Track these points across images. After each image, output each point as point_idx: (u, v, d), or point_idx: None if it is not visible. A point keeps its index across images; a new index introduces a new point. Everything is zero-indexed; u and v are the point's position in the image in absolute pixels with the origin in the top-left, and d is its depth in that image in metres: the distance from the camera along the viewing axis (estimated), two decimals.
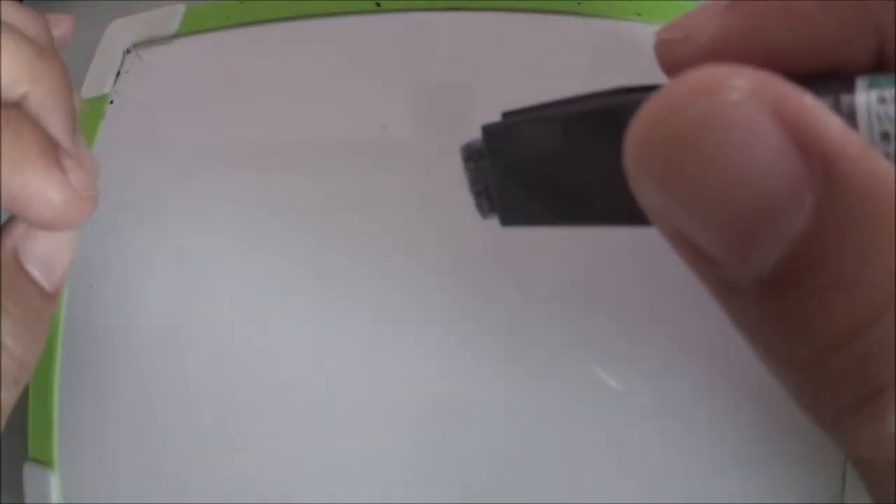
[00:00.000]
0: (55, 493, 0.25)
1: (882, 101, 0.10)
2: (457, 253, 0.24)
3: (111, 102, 0.29)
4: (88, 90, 0.29)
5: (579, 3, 0.25)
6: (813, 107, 0.09)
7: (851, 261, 0.09)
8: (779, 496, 0.21)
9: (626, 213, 0.12)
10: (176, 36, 0.29)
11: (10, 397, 0.19)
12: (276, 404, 0.24)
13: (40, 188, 0.17)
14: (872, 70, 0.12)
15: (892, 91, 0.10)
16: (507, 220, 0.16)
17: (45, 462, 0.26)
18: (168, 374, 0.25)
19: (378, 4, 0.27)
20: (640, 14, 0.25)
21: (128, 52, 0.30)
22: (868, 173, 0.09)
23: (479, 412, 0.22)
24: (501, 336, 0.23)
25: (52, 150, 0.18)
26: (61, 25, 0.22)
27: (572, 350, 0.22)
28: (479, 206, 0.16)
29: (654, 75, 0.14)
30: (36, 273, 0.19)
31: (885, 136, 0.10)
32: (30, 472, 0.26)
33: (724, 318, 0.11)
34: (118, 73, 0.30)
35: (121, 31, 0.30)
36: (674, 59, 0.13)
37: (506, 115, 0.15)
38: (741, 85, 0.09)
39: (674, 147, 0.09)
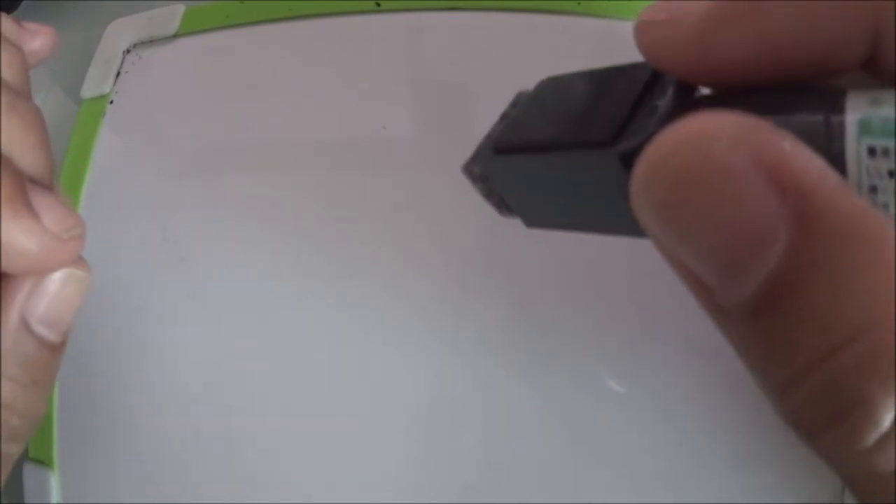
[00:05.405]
0: (55, 493, 0.25)
1: (872, 153, 0.10)
2: (457, 253, 0.24)
3: (111, 102, 0.29)
4: (88, 90, 0.30)
5: (579, 3, 0.25)
6: (791, 151, 0.10)
7: (823, 291, 0.10)
8: (779, 496, 0.21)
9: (630, 228, 0.13)
10: (176, 36, 0.29)
11: (17, 450, 0.18)
12: (276, 405, 0.24)
13: (9, 238, 0.16)
14: (860, 68, 0.12)
15: (883, 143, 0.10)
16: (531, 224, 0.17)
17: (44, 462, 0.26)
18: (167, 374, 0.25)
19: (378, 4, 0.27)
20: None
21: (128, 52, 0.30)
22: (841, 212, 0.10)
23: (480, 413, 0.22)
24: (501, 337, 0.23)
25: (20, 195, 0.16)
26: (38, 37, 0.20)
27: (572, 351, 0.22)
28: (500, 212, 0.17)
29: None
30: (43, 331, 0.18)
31: (872, 189, 0.11)
32: (30, 472, 0.26)
33: None
34: (118, 73, 0.30)
35: (121, 31, 0.30)
36: (657, 43, 0.13)
37: (498, 150, 0.15)
38: (725, 133, 0.10)
39: (668, 191, 0.10)
